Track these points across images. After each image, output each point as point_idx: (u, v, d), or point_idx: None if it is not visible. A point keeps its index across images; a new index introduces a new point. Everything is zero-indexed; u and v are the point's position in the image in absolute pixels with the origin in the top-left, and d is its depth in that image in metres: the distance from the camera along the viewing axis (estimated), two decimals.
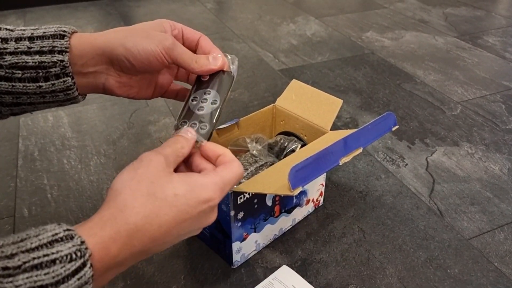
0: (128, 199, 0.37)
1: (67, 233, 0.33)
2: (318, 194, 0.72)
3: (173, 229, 0.38)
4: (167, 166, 0.40)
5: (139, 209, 0.36)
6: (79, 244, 0.33)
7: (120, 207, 0.36)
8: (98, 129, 0.95)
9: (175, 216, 0.37)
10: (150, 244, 0.37)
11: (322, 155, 0.48)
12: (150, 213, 0.36)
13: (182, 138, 0.44)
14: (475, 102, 1.06)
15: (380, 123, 0.53)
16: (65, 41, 0.45)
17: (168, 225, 0.37)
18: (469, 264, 0.65)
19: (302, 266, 0.64)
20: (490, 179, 0.81)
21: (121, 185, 0.38)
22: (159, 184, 0.38)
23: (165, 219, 0.37)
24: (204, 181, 0.39)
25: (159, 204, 0.37)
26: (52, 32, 0.45)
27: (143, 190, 0.37)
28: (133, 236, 0.36)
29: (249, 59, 1.28)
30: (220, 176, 0.41)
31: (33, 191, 0.77)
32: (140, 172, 0.38)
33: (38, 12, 1.65)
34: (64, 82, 0.46)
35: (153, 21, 0.49)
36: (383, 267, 0.64)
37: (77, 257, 0.32)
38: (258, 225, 0.63)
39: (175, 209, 0.37)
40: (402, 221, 0.72)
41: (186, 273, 0.63)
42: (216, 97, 0.48)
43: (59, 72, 0.45)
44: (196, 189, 0.39)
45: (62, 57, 0.45)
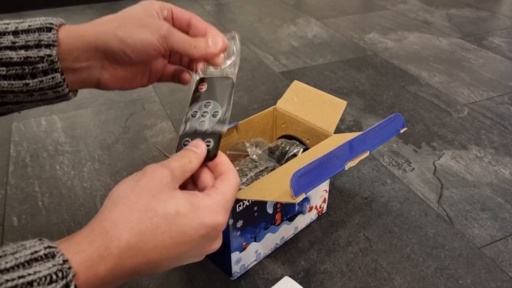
0: (124, 211, 0.33)
1: (48, 250, 0.30)
2: (322, 200, 0.69)
3: (171, 251, 0.34)
4: (172, 180, 0.36)
5: (134, 224, 0.33)
6: (60, 263, 0.29)
7: (114, 220, 0.33)
8: (93, 133, 0.91)
9: (174, 236, 0.34)
10: (143, 265, 0.33)
11: (326, 160, 0.44)
12: (146, 230, 0.33)
13: (192, 153, 0.40)
14: (482, 104, 1.03)
15: (387, 125, 0.50)
16: (52, 34, 0.42)
17: (165, 246, 0.34)
18: (481, 274, 0.61)
19: (305, 277, 0.60)
20: (500, 183, 0.78)
21: (118, 196, 0.34)
22: (161, 198, 0.34)
23: (162, 239, 0.33)
24: (210, 203, 0.36)
25: (157, 220, 0.33)
26: (38, 25, 0.42)
27: (142, 203, 0.34)
28: (125, 255, 0.32)
29: (249, 61, 1.25)
30: (223, 194, 0.38)
31: (23, 199, 0.74)
32: (141, 184, 0.35)
33: (35, 15, 1.61)
34: (53, 79, 0.43)
35: (141, 5, 0.46)
36: (391, 278, 0.60)
37: (58, 278, 0.29)
38: (258, 234, 0.59)
39: (175, 228, 0.34)
40: (410, 228, 0.68)
41: (182, 285, 0.59)
42: (217, 107, 0.44)
43: (46, 67, 0.42)
44: (201, 210, 0.35)
45: (49, 51, 0.41)
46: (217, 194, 0.37)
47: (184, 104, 1.03)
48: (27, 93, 0.43)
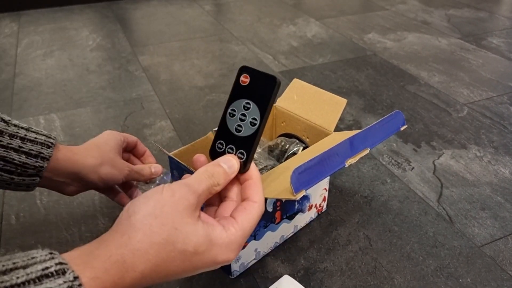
0: (144, 242, 0.33)
1: (59, 267, 0.30)
2: (321, 199, 0.68)
3: (177, 276, 0.36)
4: (196, 209, 0.36)
5: (151, 256, 0.33)
6: (71, 280, 0.29)
7: (133, 250, 0.32)
8: (92, 132, 0.91)
9: (185, 268, 0.35)
10: (147, 284, 0.34)
11: (326, 157, 0.44)
12: (161, 262, 0.33)
13: (222, 171, 0.39)
14: (482, 104, 1.03)
15: (388, 122, 0.50)
16: (50, 151, 0.53)
17: (175, 275, 0.35)
18: (482, 273, 0.61)
19: (305, 276, 0.60)
20: (500, 183, 0.78)
21: (141, 220, 0.33)
22: (182, 233, 0.34)
23: (174, 270, 0.34)
24: (227, 241, 0.36)
25: (174, 255, 0.34)
26: (41, 140, 0.53)
27: (163, 235, 0.33)
28: (136, 283, 0.33)
29: (248, 61, 1.24)
30: (242, 231, 0.37)
31: (21, 197, 0.74)
32: (166, 212, 0.34)
33: (33, 15, 1.62)
34: (33, 181, 0.54)
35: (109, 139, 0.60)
36: (391, 276, 0.60)
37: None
38: (258, 232, 0.59)
39: (188, 264, 0.35)
40: (410, 227, 0.68)
41: (181, 284, 0.59)
42: (256, 113, 0.40)
43: (34, 173, 0.53)
44: (217, 248, 0.36)
45: (43, 163, 0.52)
46: (236, 231, 0.37)
47: (184, 104, 1.02)
48: (4, 182, 0.52)
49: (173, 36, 1.42)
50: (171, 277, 0.35)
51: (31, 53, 1.31)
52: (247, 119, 0.40)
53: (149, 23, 1.55)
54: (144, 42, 1.36)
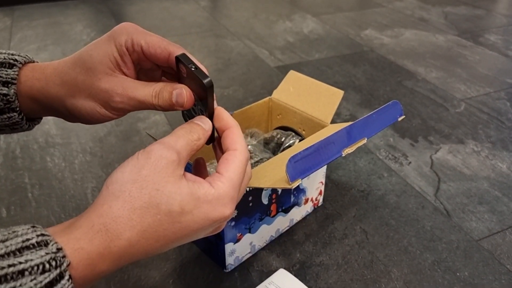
0: (125, 208, 0.31)
1: (41, 238, 0.28)
2: (317, 193, 0.67)
3: (172, 243, 0.33)
4: (178, 166, 0.33)
5: (136, 222, 0.31)
6: (54, 251, 0.27)
7: (115, 217, 0.30)
8: (84, 126, 0.90)
9: (176, 232, 0.32)
10: (141, 256, 0.32)
11: (323, 146, 0.43)
12: (148, 227, 0.31)
13: (199, 128, 0.36)
14: (479, 100, 1.02)
15: (385, 112, 0.49)
16: (12, 71, 0.39)
17: (167, 240, 0.32)
18: (479, 266, 0.60)
19: (300, 270, 0.59)
20: (498, 177, 0.77)
21: (120, 189, 0.31)
22: (165, 193, 0.32)
23: (165, 234, 0.32)
24: (216, 195, 0.34)
25: (160, 218, 0.31)
26: (0, 60, 0.39)
27: (145, 199, 0.31)
28: (125, 253, 0.31)
29: (244, 56, 1.23)
30: (230, 182, 0.35)
31: (13, 190, 0.72)
32: (144, 175, 0.32)
33: (27, 10, 1.60)
34: (9, 118, 0.41)
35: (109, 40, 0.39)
36: (388, 270, 0.59)
37: (52, 267, 0.27)
38: (253, 225, 0.58)
39: (178, 225, 0.32)
40: (407, 221, 0.67)
41: (175, 277, 0.58)
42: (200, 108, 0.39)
43: (2, 106, 0.39)
44: (207, 206, 0.33)
45: (6, 90, 0.39)
46: (224, 184, 0.34)
47: None
48: None
49: (168, 32, 1.41)
50: (165, 244, 0.32)
51: (24, 47, 1.29)
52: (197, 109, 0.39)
53: (144, 18, 1.54)
54: None
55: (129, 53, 0.39)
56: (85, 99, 0.39)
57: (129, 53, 0.39)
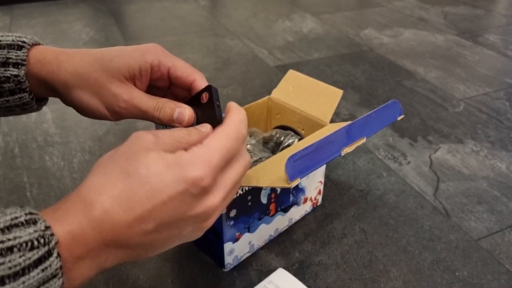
0: (99, 179, 0.32)
1: (30, 217, 0.28)
2: (317, 192, 0.67)
3: (151, 215, 0.31)
4: (154, 144, 0.33)
5: (108, 188, 0.31)
6: (42, 229, 0.28)
7: (90, 186, 0.31)
8: (83, 125, 0.89)
9: (148, 195, 0.31)
10: (124, 231, 0.31)
11: (322, 145, 0.43)
12: (119, 192, 0.31)
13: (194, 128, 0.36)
14: (478, 99, 1.02)
15: (384, 112, 0.49)
16: (22, 53, 0.40)
17: (142, 208, 0.31)
18: (478, 266, 0.60)
19: (299, 269, 0.59)
20: (497, 177, 0.77)
21: (97, 166, 0.33)
22: (134, 160, 0.32)
23: (137, 200, 0.31)
24: (186, 157, 0.32)
25: (129, 182, 0.31)
26: (8, 42, 0.40)
27: (117, 168, 0.32)
28: (102, 220, 0.30)
29: (243, 55, 1.23)
30: (207, 147, 0.33)
31: (11, 189, 0.72)
32: (119, 151, 0.33)
33: (26, 9, 1.60)
34: (20, 99, 0.42)
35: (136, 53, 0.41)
36: (386, 269, 0.59)
37: (40, 244, 0.27)
38: (252, 224, 0.58)
39: (147, 186, 0.31)
40: (406, 221, 0.67)
41: (174, 277, 0.58)
42: None
43: (13, 87, 0.41)
44: (176, 166, 0.32)
45: (17, 71, 0.40)
46: (199, 149, 0.33)
47: None
48: None
49: (167, 31, 1.41)
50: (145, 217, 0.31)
51: None
52: None
53: (143, 17, 1.54)
54: (138, 36, 1.35)
55: (152, 72, 0.42)
56: (91, 95, 0.41)
57: (152, 72, 0.42)
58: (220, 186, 0.34)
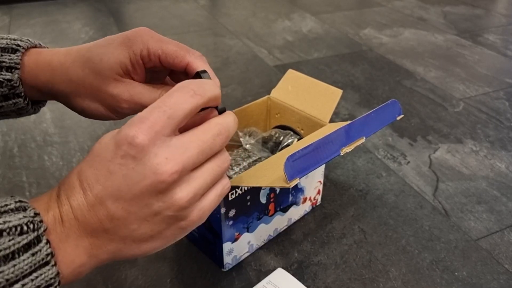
0: (81, 162, 0.33)
1: (19, 204, 0.29)
2: (316, 192, 0.67)
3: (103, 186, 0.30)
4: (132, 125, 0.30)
5: (80, 168, 0.32)
6: (32, 215, 0.28)
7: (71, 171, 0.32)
8: (82, 124, 0.89)
9: (96, 166, 0.30)
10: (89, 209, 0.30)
11: (321, 144, 0.43)
12: (80, 169, 0.31)
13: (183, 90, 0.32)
14: (478, 99, 1.02)
15: (384, 111, 0.49)
16: (16, 56, 0.39)
17: (95, 181, 0.30)
18: (477, 266, 0.60)
19: (298, 269, 0.59)
20: (496, 177, 0.77)
21: None
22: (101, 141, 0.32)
23: (91, 173, 0.30)
24: (130, 121, 0.30)
25: (88, 157, 0.31)
26: (2, 45, 0.39)
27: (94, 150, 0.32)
28: (69, 197, 0.30)
29: (242, 54, 1.23)
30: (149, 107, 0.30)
31: (10, 189, 0.72)
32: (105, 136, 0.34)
33: (25, 8, 1.59)
34: (15, 104, 0.40)
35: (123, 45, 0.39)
36: (386, 269, 0.59)
37: (29, 230, 0.28)
38: (251, 224, 0.58)
39: (96, 157, 0.30)
40: (405, 221, 0.67)
41: (172, 277, 0.57)
42: None
43: (7, 92, 0.39)
44: (117, 132, 0.30)
45: (10, 75, 0.38)
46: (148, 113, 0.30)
47: None
48: None
49: (167, 30, 1.40)
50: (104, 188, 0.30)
51: None
52: None
53: (142, 17, 1.53)
54: None
55: (144, 62, 0.40)
56: (91, 100, 0.40)
57: (144, 62, 0.40)
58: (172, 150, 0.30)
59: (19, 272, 0.27)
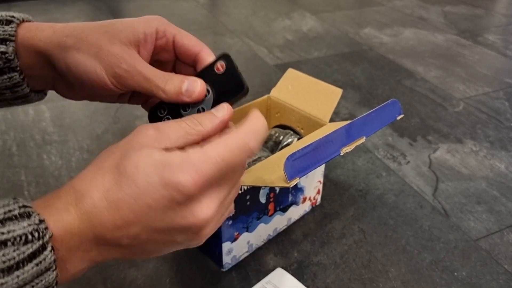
0: (92, 170, 0.31)
1: (23, 210, 0.28)
2: (316, 192, 0.67)
3: (137, 218, 0.30)
4: (154, 140, 0.31)
5: (99, 181, 0.30)
6: (36, 223, 0.27)
7: (82, 177, 0.31)
8: (82, 123, 0.89)
9: (134, 195, 0.30)
10: (111, 231, 0.30)
11: (321, 144, 0.43)
12: (109, 187, 0.30)
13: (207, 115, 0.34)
14: (478, 99, 1.02)
15: (384, 111, 0.49)
16: (10, 28, 0.37)
17: (128, 208, 0.30)
18: (477, 266, 0.60)
19: (298, 269, 0.59)
20: (496, 177, 0.77)
21: (95, 159, 0.33)
22: (127, 156, 0.31)
23: (124, 199, 0.30)
24: (178, 160, 0.30)
25: (119, 179, 0.30)
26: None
27: (111, 161, 0.31)
28: (91, 213, 0.30)
29: (242, 53, 1.23)
30: (202, 153, 0.30)
31: (9, 188, 0.72)
32: (119, 145, 0.32)
33: (24, 7, 1.59)
34: (10, 79, 0.38)
35: (139, 20, 0.39)
36: (385, 269, 0.59)
37: (34, 238, 0.27)
38: (250, 224, 0.58)
39: (134, 186, 0.30)
40: (405, 221, 0.67)
41: (172, 277, 0.57)
42: (208, 105, 0.37)
43: (1, 66, 0.37)
44: (165, 168, 0.30)
45: (4, 47, 0.37)
46: (195, 153, 0.30)
47: None
48: None
49: None
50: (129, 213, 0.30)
51: None
52: (197, 105, 0.37)
53: (142, 15, 1.53)
54: None
55: (157, 38, 0.39)
56: (89, 56, 0.37)
57: (157, 37, 0.39)
58: (213, 198, 0.31)
59: (22, 283, 0.26)
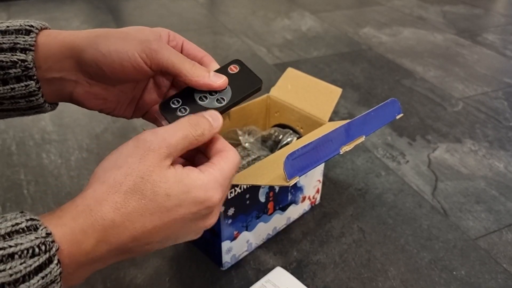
0: (110, 191, 0.31)
1: (31, 223, 0.28)
2: (315, 191, 0.67)
3: (161, 231, 0.32)
4: (166, 158, 0.33)
5: (120, 204, 0.31)
6: (43, 236, 0.27)
7: (99, 199, 0.30)
8: (81, 122, 0.89)
9: (163, 218, 0.32)
10: (130, 243, 0.31)
11: (321, 143, 0.43)
12: (132, 211, 0.31)
13: (207, 123, 0.36)
14: (477, 99, 1.02)
15: (384, 110, 0.49)
16: (30, 38, 0.38)
17: (155, 227, 0.32)
18: (476, 265, 0.60)
19: (297, 268, 0.59)
20: (495, 176, 0.77)
21: (105, 173, 0.32)
22: (150, 181, 0.32)
23: (151, 219, 0.31)
24: (205, 181, 0.33)
25: (145, 203, 0.31)
26: (16, 27, 0.38)
27: (129, 184, 0.31)
28: (110, 232, 0.30)
29: (241, 53, 1.23)
30: (220, 171, 0.35)
31: (8, 187, 0.72)
32: (130, 162, 0.32)
33: (23, 5, 1.59)
34: (26, 87, 0.39)
35: (149, 28, 0.41)
36: (384, 269, 0.59)
37: (41, 252, 0.27)
38: (250, 223, 0.58)
39: (166, 213, 0.32)
40: (404, 220, 0.67)
41: (171, 275, 0.57)
42: (227, 95, 0.40)
43: (20, 74, 0.38)
44: (194, 190, 0.33)
45: (24, 56, 0.38)
46: (214, 171, 0.34)
47: None
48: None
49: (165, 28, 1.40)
50: (153, 233, 0.32)
51: None
52: (216, 95, 0.40)
53: (141, 14, 1.53)
54: None
55: (169, 41, 0.42)
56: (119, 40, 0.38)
57: (169, 40, 0.42)
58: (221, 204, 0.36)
59: None
